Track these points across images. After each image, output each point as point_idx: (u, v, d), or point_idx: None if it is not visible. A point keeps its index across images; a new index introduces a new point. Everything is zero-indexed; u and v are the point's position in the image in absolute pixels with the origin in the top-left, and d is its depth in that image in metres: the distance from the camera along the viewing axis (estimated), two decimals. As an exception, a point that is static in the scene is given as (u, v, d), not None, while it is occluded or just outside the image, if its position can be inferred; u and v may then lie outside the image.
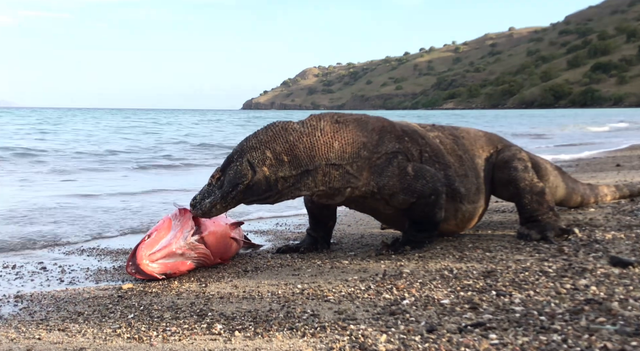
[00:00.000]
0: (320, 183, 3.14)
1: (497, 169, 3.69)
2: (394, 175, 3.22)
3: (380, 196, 3.25)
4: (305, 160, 3.09)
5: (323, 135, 3.13)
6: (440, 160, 3.42)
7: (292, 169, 3.08)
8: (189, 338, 2.16)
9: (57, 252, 4.01)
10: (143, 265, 2.96)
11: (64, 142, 17.33)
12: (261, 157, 3.05)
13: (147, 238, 3.03)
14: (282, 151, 3.07)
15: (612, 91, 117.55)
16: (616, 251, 3.01)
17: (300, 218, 5.33)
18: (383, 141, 3.26)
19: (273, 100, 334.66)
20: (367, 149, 3.20)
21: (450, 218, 3.50)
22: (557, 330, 1.93)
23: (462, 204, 3.50)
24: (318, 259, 3.40)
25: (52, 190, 7.36)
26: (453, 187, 3.43)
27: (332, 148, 3.12)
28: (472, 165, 3.61)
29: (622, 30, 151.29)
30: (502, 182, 3.66)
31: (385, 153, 3.24)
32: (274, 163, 3.06)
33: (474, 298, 2.38)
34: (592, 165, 9.16)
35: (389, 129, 3.34)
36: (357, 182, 3.19)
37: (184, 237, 3.06)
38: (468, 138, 3.75)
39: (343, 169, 3.15)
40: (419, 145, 3.39)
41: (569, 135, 21.99)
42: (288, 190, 3.13)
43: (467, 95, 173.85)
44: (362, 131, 3.23)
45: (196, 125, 32.82)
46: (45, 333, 2.30)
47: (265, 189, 3.09)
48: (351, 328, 2.13)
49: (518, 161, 3.66)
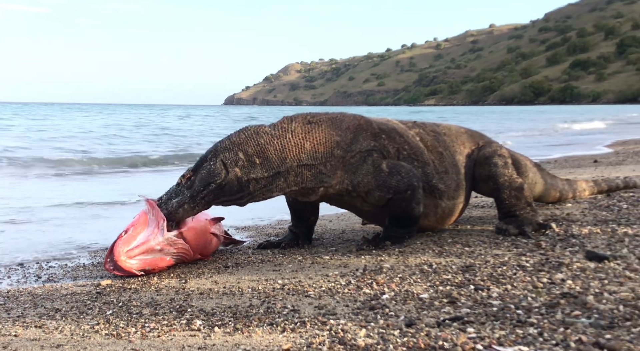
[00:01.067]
0: (293, 183, 3.16)
1: (478, 165, 3.72)
2: (368, 173, 3.23)
3: (356, 194, 3.27)
4: (277, 162, 3.11)
5: (294, 136, 3.15)
6: (418, 158, 3.44)
7: (264, 171, 3.10)
8: (168, 334, 2.15)
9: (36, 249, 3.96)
10: (121, 262, 2.93)
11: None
12: (234, 158, 3.07)
13: (124, 234, 2.99)
14: (253, 153, 3.09)
15: (591, 88, 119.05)
16: (592, 246, 3.05)
17: (281, 214, 5.33)
18: (358, 139, 3.27)
19: (255, 96, 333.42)
20: (341, 148, 3.21)
21: (429, 215, 3.53)
22: (533, 324, 1.96)
23: (442, 200, 3.53)
24: (299, 255, 3.40)
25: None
26: (431, 184, 3.45)
27: (304, 149, 3.14)
28: (453, 161, 3.64)
29: (601, 28, 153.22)
30: (482, 177, 3.70)
31: (360, 151, 3.25)
32: (246, 165, 3.08)
33: (452, 292, 2.40)
34: (570, 161, 9.28)
35: (365, 127, 3.34)
36: (331, 181, 3.20)
37: (161, 232, 3.03)
38: (449, 135, 3.77)
39: (316, 169, 3.16)
40: (397, 143, 3.40)
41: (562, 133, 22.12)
42: (260, 191, 3.14)
43: (448, 92, 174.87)
44: (335, 130, 3.24)
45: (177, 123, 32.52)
46: (21, 330, 2.28)
47: (237, 190, 3.09)
48: (331, 323, 2.14)
49: (498, 157, 3.70)
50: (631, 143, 12.91)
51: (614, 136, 16.71)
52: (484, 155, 3.73)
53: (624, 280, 2.39)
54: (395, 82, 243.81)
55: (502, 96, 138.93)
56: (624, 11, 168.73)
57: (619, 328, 1.87)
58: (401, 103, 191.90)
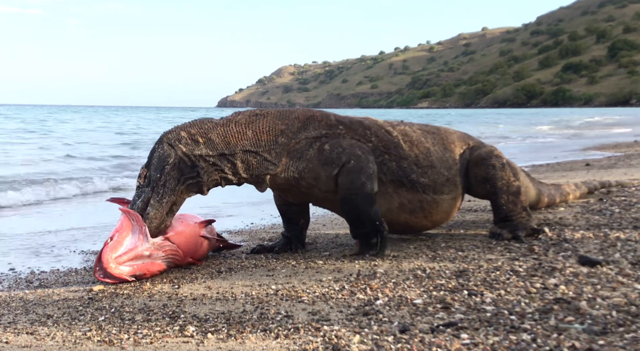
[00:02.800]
0: (241, 169, 3.20)
1: (473, 166, 3.66)
2: (313, 158, 3.22)
3: (305, 182, 3.25)
4: (220, 145, 3.17)
5: (237, 125, 3.22)
6: (391, 152, 3.40)
7: (208, 149, 3.15)
8: (160, 340, 2.14)
9: (27, 253, 3.93)
10: (110, 269, 2.91)
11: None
12: (176, 137, 3.16)
13: (110, 240, 2.97)
14: (196, 133, 3.17)
15: (583, 91, 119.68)
16: (585, 250, 3.06)
17: (275, 219, 5.32)
18: (306, 128, 3.28)
19: (248, 98, 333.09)
20: (286, 136, 3.23)
21: (416, 211, 3.48)
22: (526, 330, 1.96)
23: (427, 194, 3.47)
24: (292, 259, 3.39)
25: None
26: (410, 178, 3.41)
27: (245, 136, 3.20)
28: (441, 156, 3.59)
29: (592, 31, 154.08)
30: (478, 179, 3.64)
31: (306, 138, 3.25)
32: (189, 143, 3.14)
33: (446, 297, 2.40)
34: (563, 164, 9.32)
35: (318, 119, 3.35)
36: (276, 168, 3.21)
37: (146, 237, 3.00)
38: (438, 133, 3.74)
39: (260, 156, 3.20)
40: (358, 134, 3.36)
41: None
42: (212, 169, 3.16)
43: (441, 95, 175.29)
44: (281, 119, 3.28)
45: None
46: (12, 336, 2.26)
47: (190, 165, 3.13)
48: (325, 329, 2.13)
49: (495, 158, 3.65)
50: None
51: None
52: (480, 155, 3.67)
53: (616, 285, 2.39)
54: (389, 84, 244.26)
55: (495, 99, 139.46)
56: (615, 15, 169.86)
57: (612, 334, 1.87)
58: (394, 106, 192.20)
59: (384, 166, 3.37)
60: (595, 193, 5.04)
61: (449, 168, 3.61)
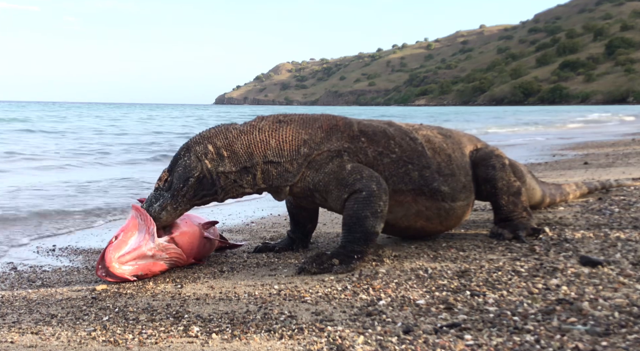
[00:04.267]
0: (261, 180, 3.17)
1: (476, 167, 3.65)
2: (331, 172, 3.15)
3: (319, 194, 3.20)
4: (244, 157, 3.13)
5: (261, 133, 3.17)
6: (414, 161, 3.34)
7: (231, 165, 3.13)
8: (165, 340, 2.15)
9: (28, 252, 3.94)
10: (112, 268, 2.92)
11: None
12: (204, 151, 3.13)
13: (115, 239, 2.99)
14: (222, 146, 3.14)
15: (580, 89, 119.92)
16: (585, 250, 3.08)
17: (276, 217, 5.33)
18: (330, 139, 3.21)
19: (246, 95, 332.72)
20: (308, 146, 3.17)
21: (432, 218, 3.43)
22: (530, 331, 1.98)
23: (445, 202, 3.42)
24: (294, 259, 3.41)
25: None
26: (432, 187, 3.35)
27: (269, 146, 3.15)
28: (461, 163, 3.55)
29: (590, 29, 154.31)
30: (480, 180, 3.63)
31: (328, 150, 3.18)
32: (215, 158, 3.12)
33: (449, 298, 2.42)
34: (561, 162, 9.34)
35: (342, 129, 3.27)
36: (294, 179, 3.17)
37: (152, 238, 3.01)
38: (454, 137, 3.69)
39: (282, 167, 3.16)
40: (381, 146, 3.30)
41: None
42: (231, 186, 3.16)
43: (438, 92, 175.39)
44: (304, 129, 3.22)
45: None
46: (18, 336, 2.27)
47: (211, 183, 3.13)
48: (329, 329, 2.15)
49: (496, 158, 3.63)
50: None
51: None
52: (482, 156, 3.66)
53: (618, 286, 2.41)
54: (386, 82, 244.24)
55: (492, 97, 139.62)
56: (612, 12, 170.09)
57: (615, 335, 1.89)
58: (392, 103, 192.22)
59: (406, 176, 3.30)
60: (595, 193, 5.06)
61: (467, 174, 3.57)
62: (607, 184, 5.22)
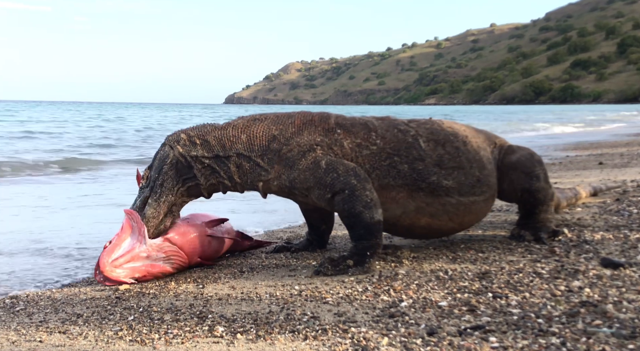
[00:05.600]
0: (235, 174, 3.19)
1: (510, 170, 3.50)
2: (307, 169, 3.09)
3: (298, 191, 3.16)
4: (216, 147, 3.19)
5: (234, 129, 3.23)
6: (401, 153, 3.20)
7: (204, 151, 3.19)
8: (191, 341, 2.17)
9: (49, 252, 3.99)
10: (107, 272, 2.95)
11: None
12: (176, 138, 3.23)
13: (109, 243, 3.03)
14: (194, 135, 3.23)
15: (592, 88, 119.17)
16: (606, 252, 3.07)
17: (290, 222, 5.35)
18: (300, 134, 3.16)
19: (255, 95, 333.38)
20: (278, 141, 3.16)
21: (438, 214, 3.27)
22: (555, 333, 1.98)
23: (451, 197, 3.26)
24: (312, 259, 3.42)
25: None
26: (429, 181, 3.20)
27: (240, 140, 3.19)
28: (475, 156, 3.38)
29: (601, 27, 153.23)
30: (514, 185, 3.49)
31: (298, 145, 3.13)
32: (187, 144, 3.20)
33: (471, 300, 2.42)
34: (575, 163, 9.30)
35: (316, 123, 3.22)
36: (268, 175, 3.16)
37: (145, 239, 3.04)
38: (470, 131, 3.55)
39: (253, 161, 3.17)
40: (359, 138, 3.19)
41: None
42: (209, 172, 3.19)
43: (448, 91, 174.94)
44: (276, 125, 3.22)
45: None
46: (46, 335, 2.30)
47: (188, 167, 3.18)
48: (352, 330, 2.16)
49: (539, 167, 3.53)
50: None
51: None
52: (521, 162, 3.50)
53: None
54: (396, 81, 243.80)
55: (503, 96, 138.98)
56: (624, 11, 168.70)
57: (641, 338, 1.89)
58: (401, 103, 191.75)
59: (392, 169, 3.17)
60: (598, 195, 5.10)
61: (482, 168, 3.38)
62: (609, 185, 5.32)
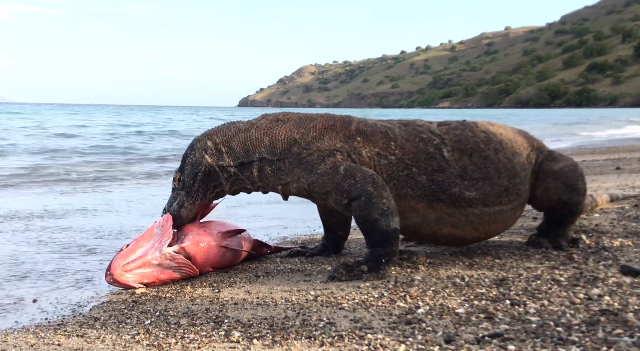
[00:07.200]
0: (257, 178, 3.23)
1: (551, 178, 3.37)
2: (325, 174, 3.07)
3: (316, 194, 3.15)
4: (241, 153, 3.22)
5: (257, 131, 3.23)
6: (420, 164, 3.14)
7: (230, 160, 3.23)
8: (208, 345, 2.17)
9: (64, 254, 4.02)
10: (116, 275, 2.98)
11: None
12: (204, 146, 3.26)
13: (125, 247, 3.07)
14: (220, 142, 3.25)
15: (608, 91, 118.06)
16: (626, 259, 3.03)
17: (306, 223, 5.35)
18: (321, 138, 3.14)
19: (269, 98, 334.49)
20: (299, 145, 3.15)
21: (461, 225, 3.21)
22: (575, 342, 1.95)
23: (474, 209, 3.18)
24: (327, 264, 3.42)
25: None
26: (450, 193, 3.13)
27: (262, 143, 3.20)
28: (504, 165, 3.25)
29: (618, 31, 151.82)
30: (549, 193, 3.38)
31: (318, 150, 3.11)
32: (214, 153, 3.24)
33: (488, 307, 2.40)
34: (592, 167, 9.20)
35: (337, 129, 3.18)
36: (287, 178, 3.18)
37: (160, 247, 3.06)
38: (507, 135, 3.39)
39: (275, 165, 3.18)
40: (378, 147, 3.14)
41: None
42: (235, 179, 3.26)
43: (463, 94, 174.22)
44: (297, 128, 3.20)
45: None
46: (64, 339, 2.32)
47: (216, 176, 3.25)
48: (369, 337, 2.15)
49: (581, 180, 3.41)
50: None
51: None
52: (566, 173, 3.37)
53: (662, 297, 2.37)
54: (410, 84, 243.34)
55: (518, 99, 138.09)
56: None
57: (663, 348, 1.86)
58: (415, 106, 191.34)
59: (410, 180, 3.11)
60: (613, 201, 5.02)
61: (512, 176, 3.26)
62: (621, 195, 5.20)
